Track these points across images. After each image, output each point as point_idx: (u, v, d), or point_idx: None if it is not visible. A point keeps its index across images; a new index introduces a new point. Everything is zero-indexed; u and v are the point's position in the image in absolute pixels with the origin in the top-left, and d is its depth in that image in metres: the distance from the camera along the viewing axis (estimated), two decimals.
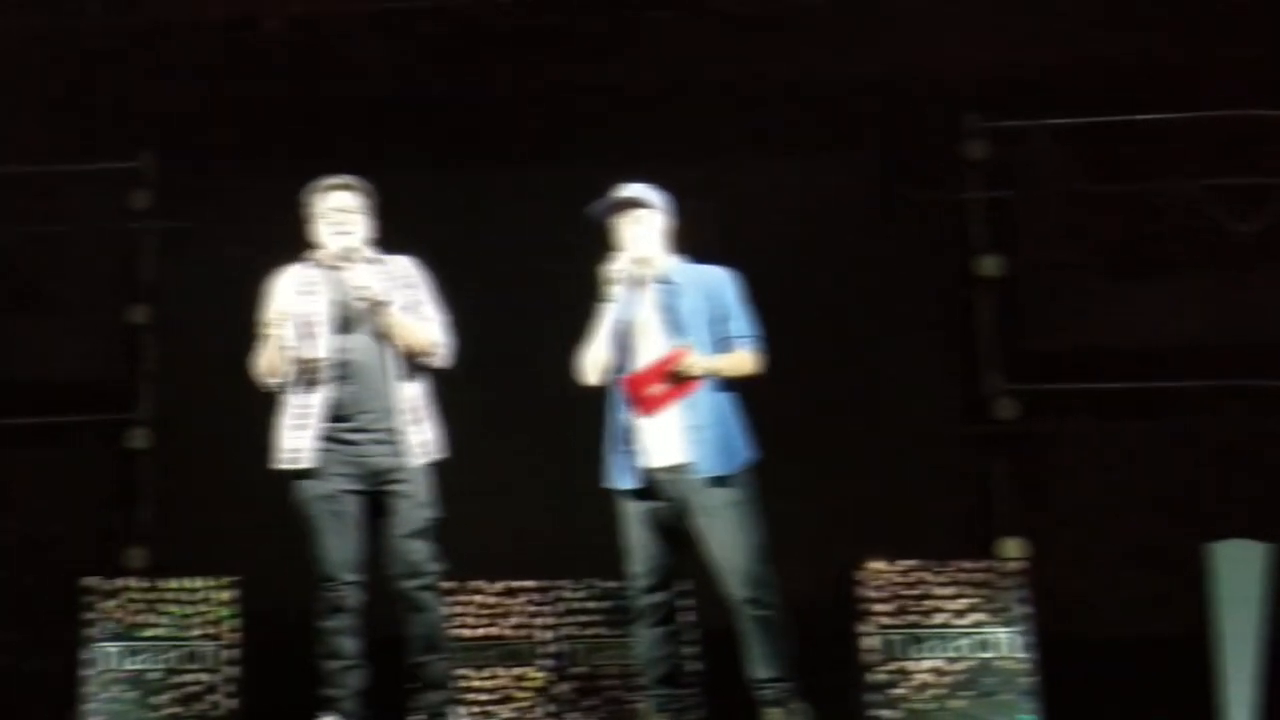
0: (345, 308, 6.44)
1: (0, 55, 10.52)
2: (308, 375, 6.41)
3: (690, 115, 10.63)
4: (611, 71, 10.70)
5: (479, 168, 9.55)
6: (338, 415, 6.34)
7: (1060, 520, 10.52)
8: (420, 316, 6.51)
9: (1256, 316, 10.70)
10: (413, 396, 6.41)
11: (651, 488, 6.43)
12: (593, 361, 6.56)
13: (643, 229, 6.55)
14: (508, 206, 9.97)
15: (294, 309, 6.52)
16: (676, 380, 6.23)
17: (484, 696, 9.53)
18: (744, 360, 6.51)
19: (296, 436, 6.45)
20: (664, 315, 6.45)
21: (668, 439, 6.37)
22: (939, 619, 9.54)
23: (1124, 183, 10.91)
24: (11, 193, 10.95)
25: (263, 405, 10.30)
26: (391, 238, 6.79)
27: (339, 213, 6.62)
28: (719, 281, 6.57)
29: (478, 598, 9.60)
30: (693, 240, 6.78)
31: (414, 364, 6.45)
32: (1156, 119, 10.72)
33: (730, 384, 6.52)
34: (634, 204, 6.55)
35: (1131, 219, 10.89)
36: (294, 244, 10.49)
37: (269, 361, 6.52)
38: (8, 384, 10.88)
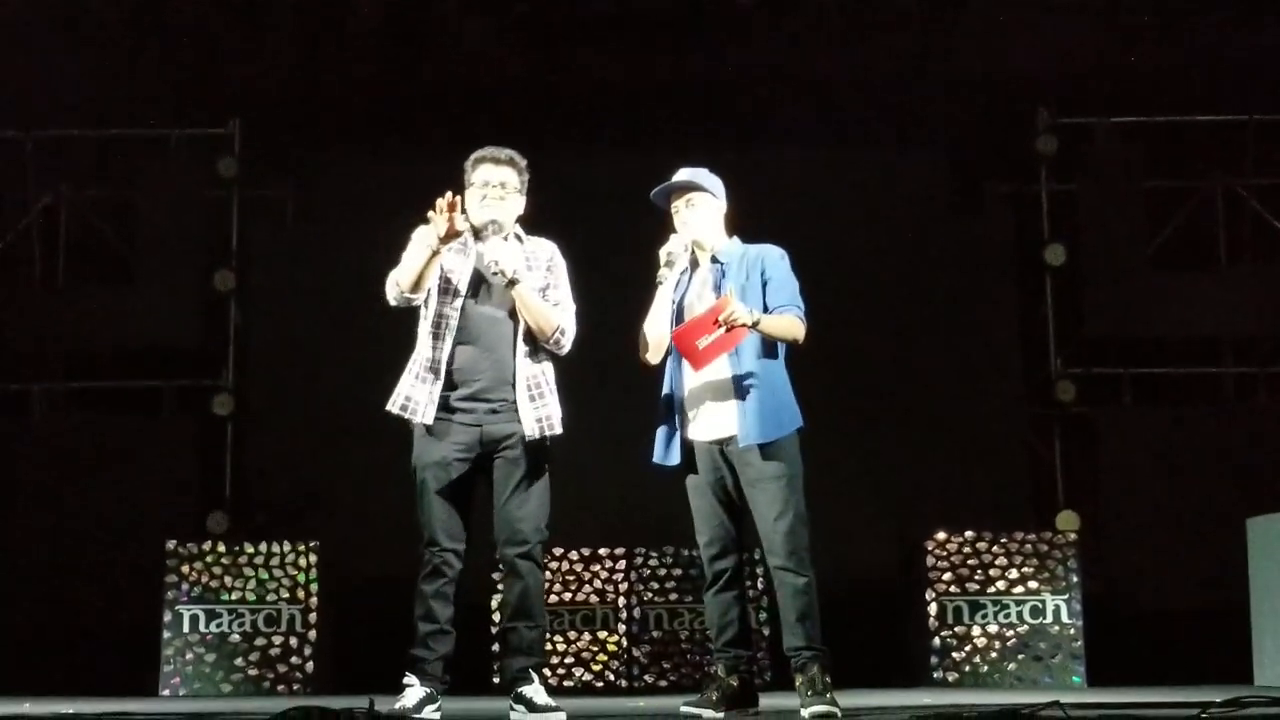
0: (481, 276, 6.38)
1: (92, 20, 10.60)
2: (439, 330, 6.36)
3: (770, 106, 10.83)
4: (693, 60, 10.85)
5: (564, 149, 9.68)
6: (456, 377, 6.32)
7: (1111, 496, 10.81)
8: (551, 301, 6.47)
9: None
10: (535, 373, 6.38)
11: (700, 460, 6.48)
12: (649, 340, 6.59)
13: (696, 211, 6.57)
14: (588, 188, 10.05)
15: (445, 263, 6.41)
16: (724, 328, 6.14)
17: (567, 660, 9.80)
18: (789, 322, 6.42)
19: (415, 388, 6.36)
20: (715, 294, 6.43)
21: (714, 411, 6.42)
22: (997, 587, 9.86)
23: (1182, 179, 11.18)
24: (100, 158, 11.17)
25: (344, 372, 10.56)
26: None
27: (489, 185, 6.48)
28: (767, 256, 6.56)
29: (560, 565, 9.88)
30: (766, 226, 6.86)
31: (539, 343, 6.40)
32: (1214, 120, 11.04)
33: (774, 352, 6.44)
34: (689, 188, 6.58)
35: (1187, 213, 11.13)
36: (377, 215, 10.74)
37: (414, 276, 6.32)
38: (94, 349, 11.05)
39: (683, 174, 6.67)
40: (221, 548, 9.89)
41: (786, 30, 10.73)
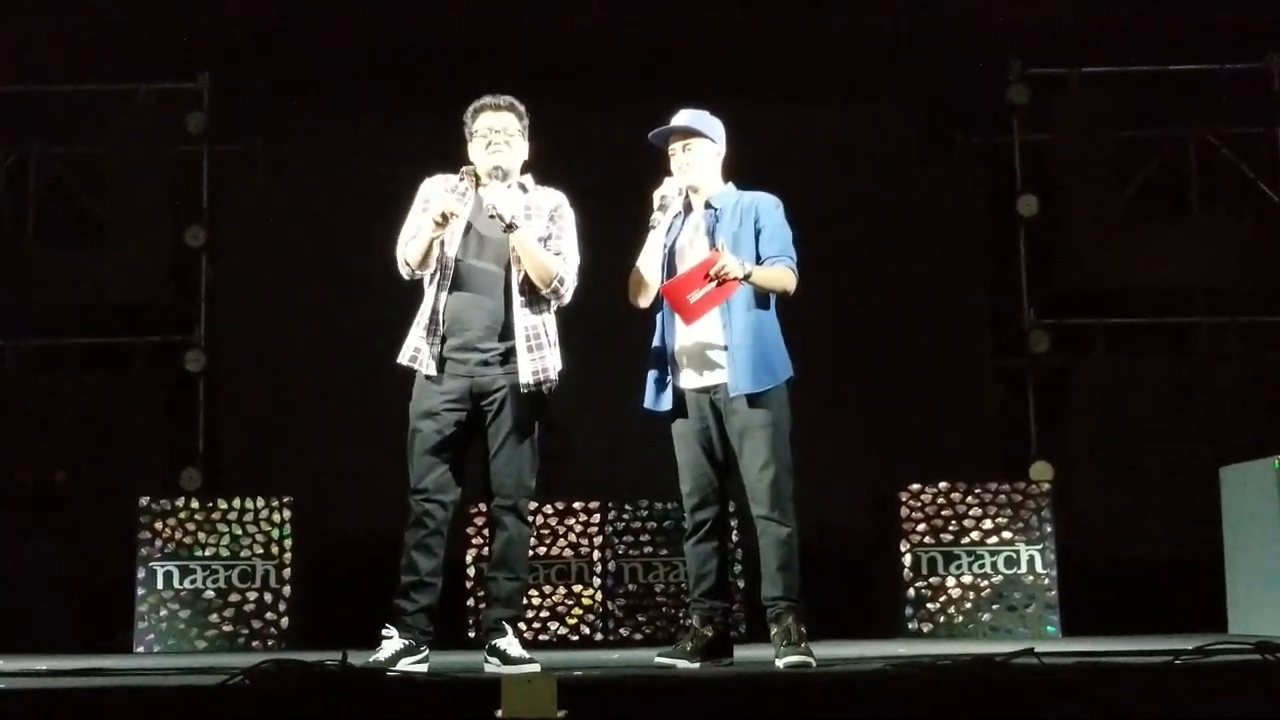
0: (475, 226, 6.42)
1: None
2: (436, 280, 6.40)
3: (739, 57, 10.79)
4: (664, 11, 10.76)
5: (551, 99, 9.67)
6: (449, 327, 6.34)
7: (1085, 446, 10.84)
8: (552, 250, 6.46)
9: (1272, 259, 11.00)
10: (535, 323, 6.37)
11: (689, 408, 6.53)
12: (639, 284, 6.63)
13: (694, 156, 6.58)
14: (576, 137, 9.96)
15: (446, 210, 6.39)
16: (715, 281, 6.20)
17: (542, 614, 9.80)
18: (781, 274, 6.45)
19: (420, 337, 6.39)
20: (707, 239, 6.50)
21: (705, 360, 6.46)
22: (971, 538, 9.89)
23: (1154, 128, 11.16)
24: (68, 113, 10.99)
25: (317, 327, 10.53)
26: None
27: (492, 131, 6.47)
28: (761, 204, 6.58)
29: (535, 519, 9.77)
30: (745, 176, 6.84)
31: (539, 293, 6.40)
32: (1185, 69, 11.02)
33: (766, 302, 6.49)
34: (687, 132, 6.60)
35: (1160, 163, 11.13)
36: (349, 169, 10.70)
37: (421, 253, 6.34)
38: (64, 306, 10.94)
39: (683, 116, 6.70)
40: (195, 504, 9.85)
41: None
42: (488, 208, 6.29)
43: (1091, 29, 10.85)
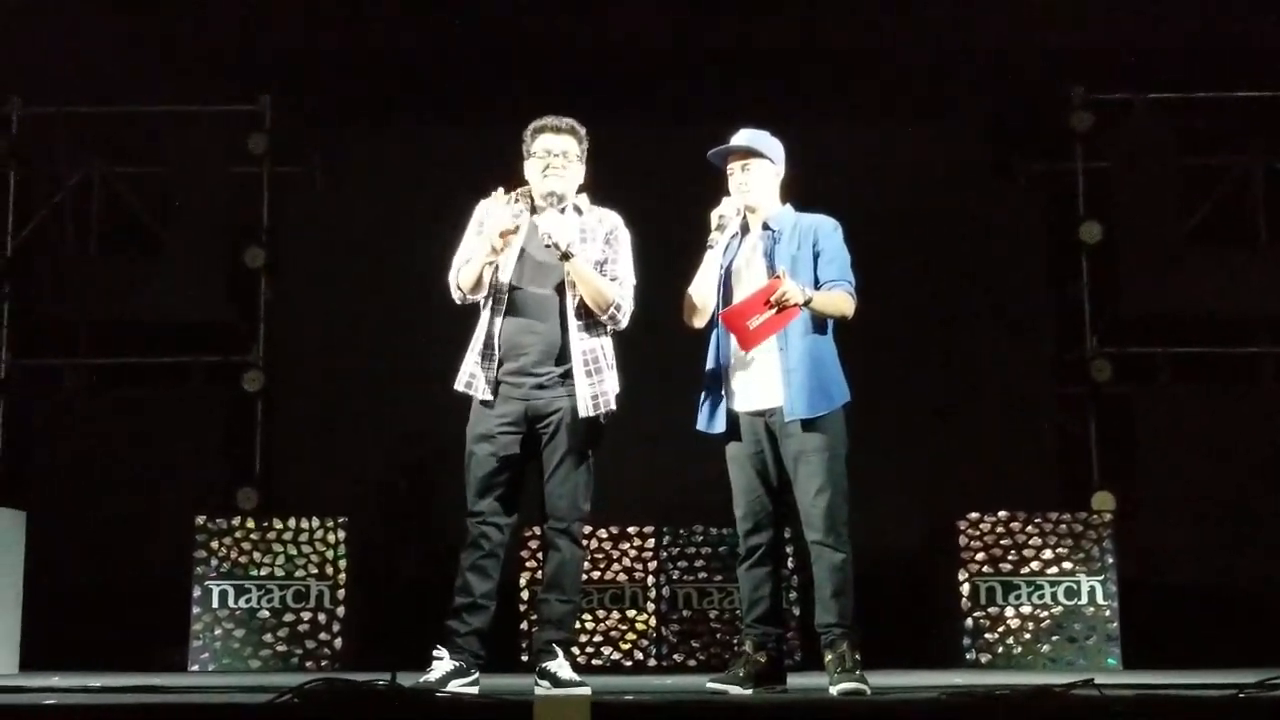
0: (529, 250, 6.36)
1: None
2: (490, 305, 6.34)
3: (802, 81, 10.71)
4: (726, 33, 10.78)
5: (608, 120, 9.66)
6: (504, 352, 6.29)
7: (1147, 477, 10.73)
8: (609, 275, 6.41)
9: None
10: (592, 347, 6.34)
11: (744, 431, 6.45)
12: (694, 305, 6.56)
13: (752, 176, 6.51)
14: (632, 159, 9.90)
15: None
16: (776, 309, 6.12)
17: (595, 638, 9.76)
18: (839, 299, 6.37)
19: (474, 362, 6.35)
20: (765, 261, 6.42)
21: (760, 383, 6.38)
22: (1030, 568, 9.79)
23: (1219, 155, 11.06)
24: (131, 134, 11.13)
25: (374, 348, 10.57)
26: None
27: (550, 155, 6.42)
28: (821, 227, 6.50)
29: (589, 543, 9.73)
30: (806, 198, 6.80)
31: (595, 317, 6.35)
32: (1250, 96, 10.91)
33: (823, 327, 6.40)
34: (746, 152, 6.52)
35: (1225, 190, 11.02)
36: (407, 190, 10.72)
37: (473, 279, 6.31)
38: (125, 325, 11.03)
39: (742, 136, 6.63)
40: (250, 523, 9.86)
41: (821, 3, 10.64)
42: (542, 236, 6.23)
43: (1156, 55, 10.75)
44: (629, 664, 9.70)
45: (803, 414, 6.28)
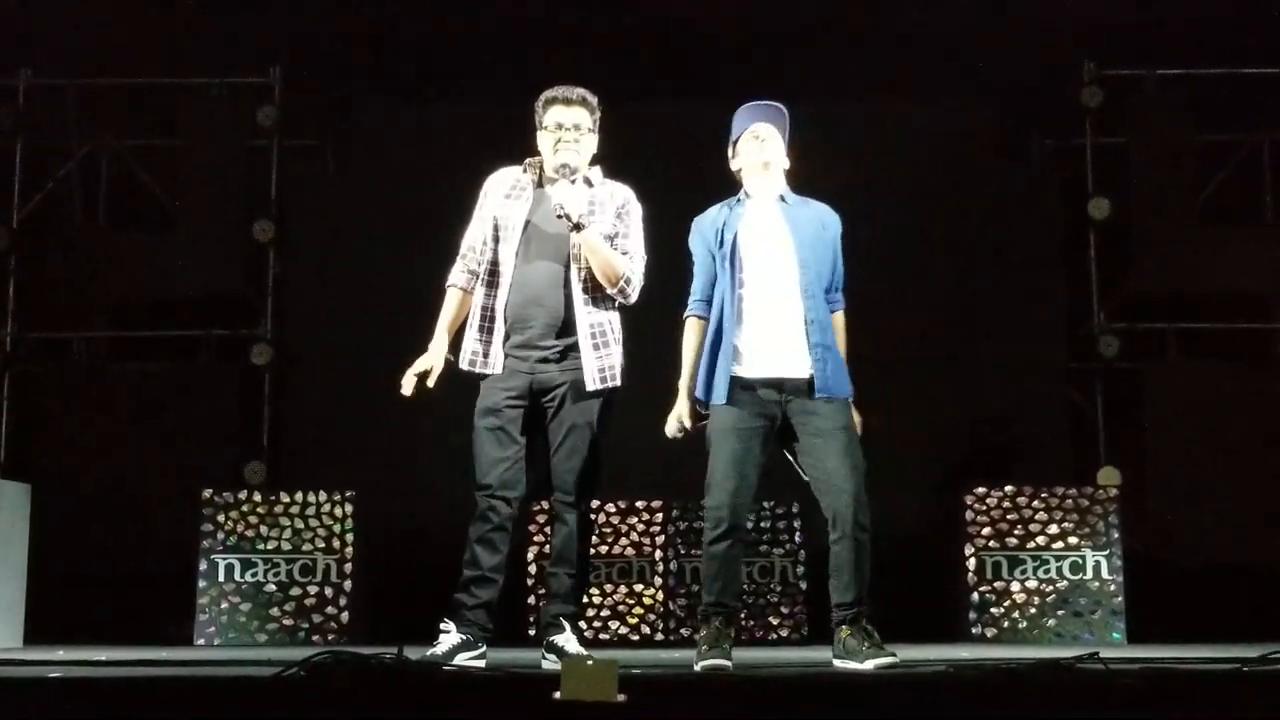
0: (534, 222, 6.34)
1: None
2: (492, 278, 6.35)
3: (816, 57, 10.64)
4: (753, 8, 10.72)
5: (623, 95, 9.63)
6: (510, 325, 6.29)
7: (1154, 452, 10.72)
8: (619, 249, 6.38)
9: None
10: (600, 320, 6.31)
11: (748, 401, 6.18)
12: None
13: (774, 146, 6.36)
14: (647, 135, 10.03)
15: (498, 210, 6.39)
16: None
17: (603, 612, 9.77)
18: (842, 328, 6.33)
19: (475, 340, 6.36)
20: (784, 230, 6.28)
21: (780, 349, 6.17)
22: (1036, 542, 9.79)
23: (1230, 132, 11.04)
24: (140, 106, 11.13)
25: (383, 322, 10.53)
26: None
27: (561, 129, 6.38)
28: (831, 220, 6.42)
29: (597, 517, 9.76)
30: (819, 174, 6.76)
31: (603, 290, 6.31)
32: (1261, 72, 10.89)
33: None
34: (778, 117, 6.39)
35: (1234, 167, 11.02)
36: (417, 164, 10.71)
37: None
38: (134, 298, 11.06)
39: (771, 106, 6.49)
40: (258, 497, 9.87)
41: None
42: (554, 206, 6.19)
43: (1166, 31, 10.69)
44: (636, 638, 9.71)
45: (836, 392, 6.18)
